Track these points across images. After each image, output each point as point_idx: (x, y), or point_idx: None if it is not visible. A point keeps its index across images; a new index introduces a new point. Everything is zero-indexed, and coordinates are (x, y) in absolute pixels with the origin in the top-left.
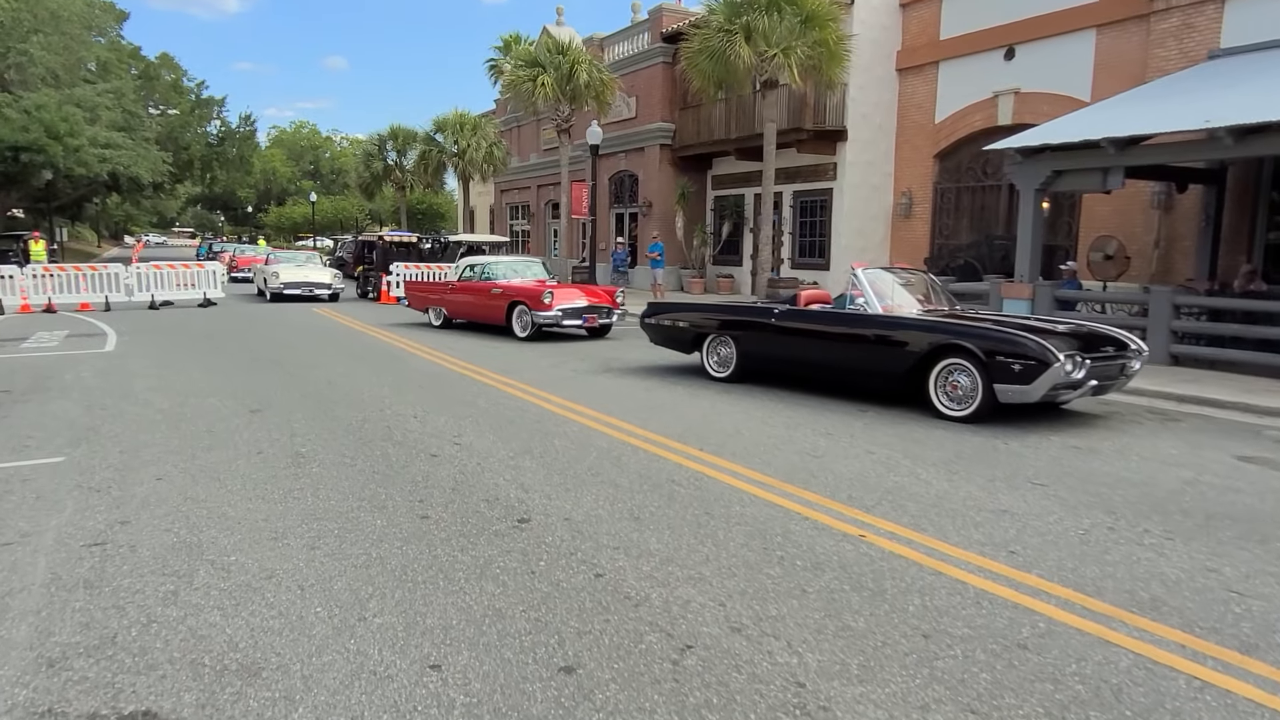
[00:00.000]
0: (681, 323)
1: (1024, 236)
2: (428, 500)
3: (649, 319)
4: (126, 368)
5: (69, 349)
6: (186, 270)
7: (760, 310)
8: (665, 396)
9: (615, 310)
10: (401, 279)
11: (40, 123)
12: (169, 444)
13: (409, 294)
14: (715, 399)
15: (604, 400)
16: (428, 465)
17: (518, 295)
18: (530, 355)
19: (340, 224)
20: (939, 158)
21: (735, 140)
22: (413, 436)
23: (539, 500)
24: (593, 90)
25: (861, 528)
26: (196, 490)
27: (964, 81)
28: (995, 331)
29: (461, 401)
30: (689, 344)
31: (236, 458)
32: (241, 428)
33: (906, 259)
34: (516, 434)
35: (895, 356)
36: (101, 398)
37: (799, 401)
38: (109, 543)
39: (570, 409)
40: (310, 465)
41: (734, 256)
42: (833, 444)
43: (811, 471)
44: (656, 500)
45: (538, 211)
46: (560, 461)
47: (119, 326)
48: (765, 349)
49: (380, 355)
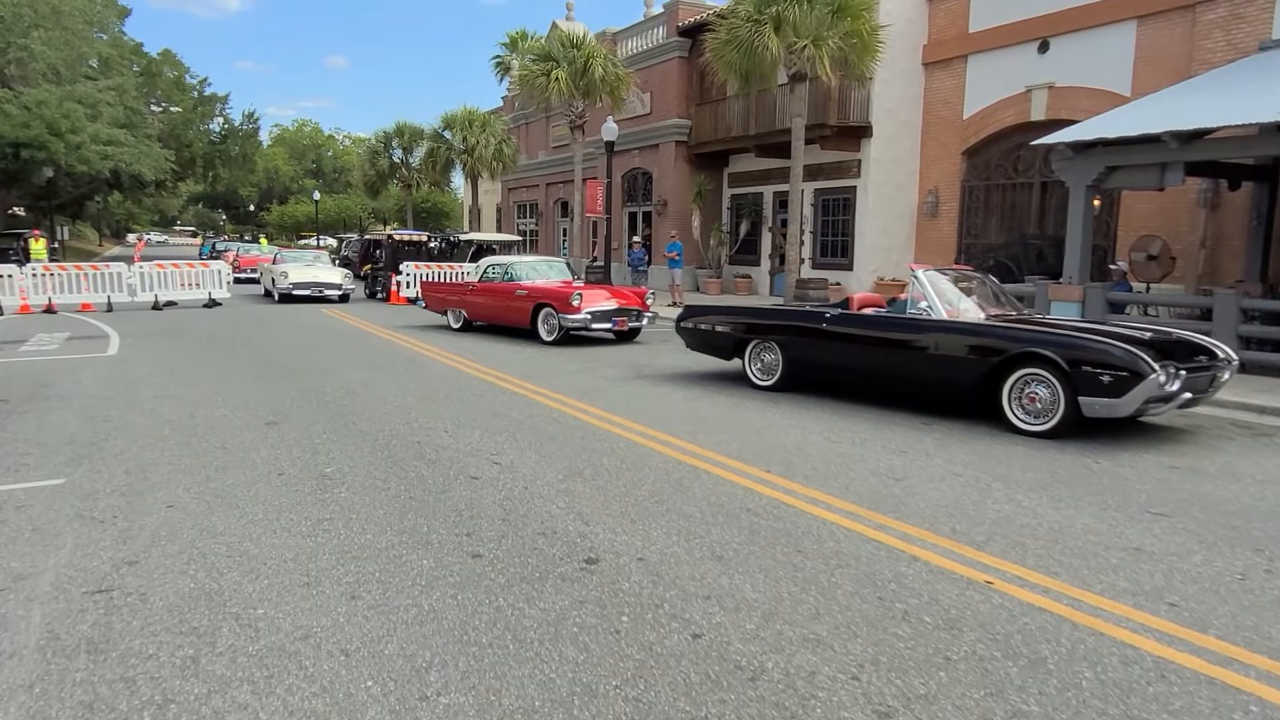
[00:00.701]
0: (721, 327)
1: (1073, 236)
2: (476, 534)
3: (685, 323)
4: (131, 373)
5: (70, 352)
6: (191, 270)
7: (809, 315)
8: (709, 408)
9: (645, 313)
10: (412, 279)
11: (41, 119)
12: (179, 463)
13: (426, 295)
14: (765, 410)
15: (645, 412)
16: (469, 489)
17: (544, 297)
18: (557, 361)
19: (344, 223)
20: (967, 155)
21: (755, 137)
22: (447, 454)
23: (603, 534)
24: (607, 85)
25: (983, 571)
26: (213, 520)
27: (994, 76)
28: (1080, 340)
29: (493, 413)
30: (729, 350)
31: (256, 479)
32: (258, 443)
33: (932, 259)
34: (560, 452)
35: (965, 366)
36: (105, 407)
37: (855, 413)
38: (115, 589)
39: (611, 421)
40: (338, 489)
41: (751, 256)
42: (910, 464)
43: (898, 498)
44: (736, 534)
45: (546, 210)
46: (615, 485)
47: (122, 328)
48: (815, 356)
49: (398, 360)
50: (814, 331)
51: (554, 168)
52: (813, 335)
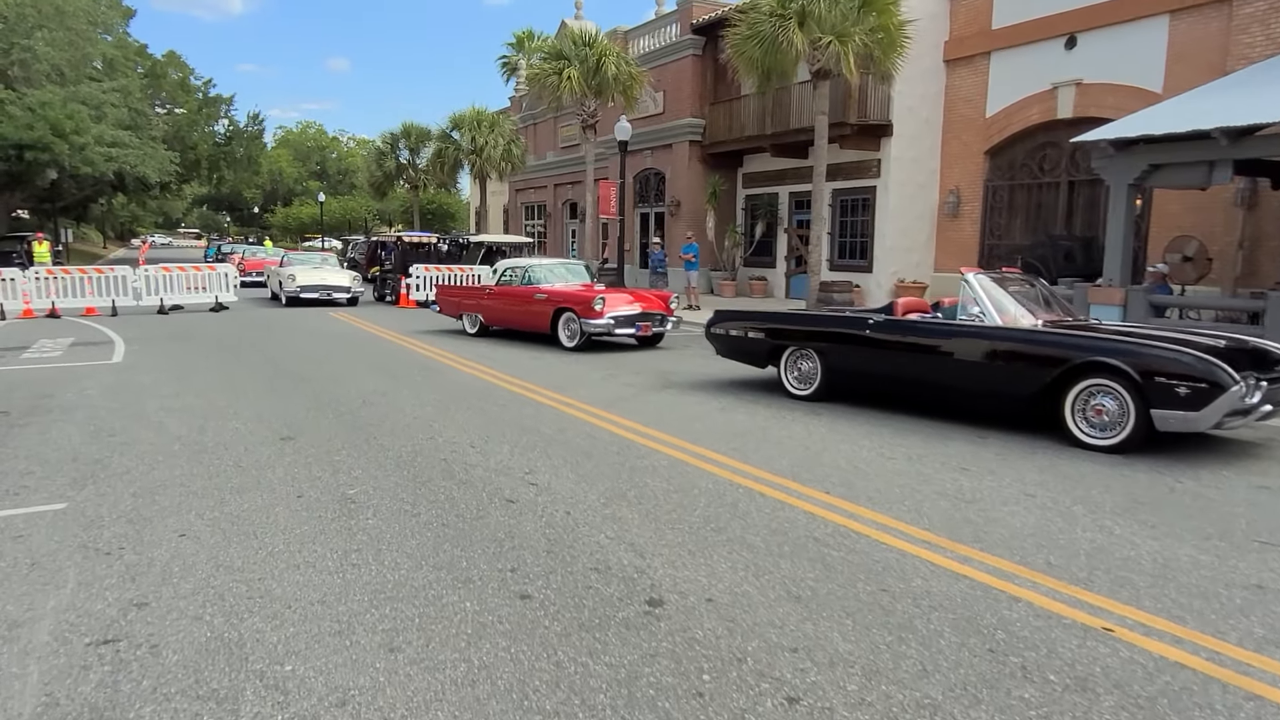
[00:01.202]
0: (755, 333)
1: (1114, 236)
2: (521, 569)
3: (715, 329)
4: (137, 382)
5: (73, 359)
6: (197, 273)
7: (851, 321)
8: (748, 420)
9: (670, 318)
10: (423, 282)
11: (45, 120)
12: (190, 484)
13: (440, 299)
14: (808, 423)
15: (681, 424)
16: (506, 515)
17: (565, 301)
18: (580, 368)
19: (349, 224)
20: (990, 154)
21: (771, 136)
22: (477, 474)
23: (661, 569)
24: (620, 84)
25: (1097, 615)
26: (229, 553)
27: (1019, 73)
28: (1153, 349)
29: (520, 427)
30: (763, 357)
31: (273, 503)
32: (274, 460)
33: (954, 260)
34: (598, 470)
35: (1024, 376)
36: (110, 420)
37: (902, 425)
38: (123, 639)
39: (647, 435)
40: (364, 514)
41: (767, 258)
42: (977, 484)
43: (976, 524)
44: (809, 569)
45: (555, 212)
46: (665, 510)
47: (127, 333)
48: (857, 364)
49: (414, 367)
50: (857, 338)
51: (562, 168)
52: (855, 342)
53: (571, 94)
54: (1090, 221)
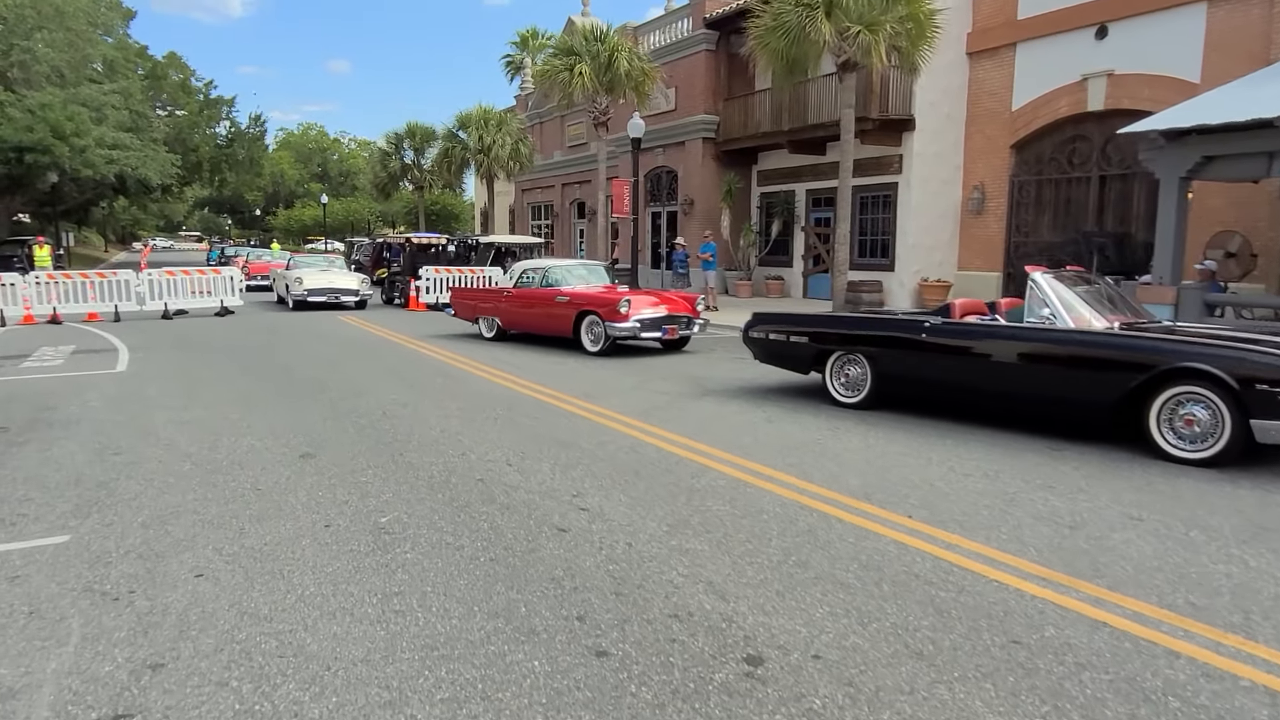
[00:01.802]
0: (798, 337)
1: (1164, 232)
2: (590, 616)
3: (754, 332)
4: (143, 393)
5: (76, 368)
6: (202, 276)
7: (905, 324)
8: (798, 431)
9: (696, 320)
10: (432, 284)
11: (45, 122)
12: (205, 510)
13: (456, 302)
14: (864, 434)
15: (728, 437)
16: (560, 547)
17: (588, 304)
18: (607, 374)
19: (351, 226)
20: (1016, 148)
21: (788, 132)
22: (519, 497)
23: (751, 615)
24: (632, 80)
25: (1277, 674)
26: (253, 597)
27: (1046, 65)
28: (1250, 353)
29: (556, 440)
30: (807, 363)
31: (299, 534)
32: (295, 482)
33: (979, 259)
34: (651, 492)
35: (1103, 382)
36: (115, 436)
37: (965, 435)
38: (137, 714)
39: (696, 450)
40: (401, 547)
41: (783, 257)
42: (1071, 505)
43: (1090, 555)
44: (920, 615)
45: (562, 211)
46: (736, 540)
47: (131, 340)
48: (913, 371)
49: (433, 374)
50: (912, 343)
51: (570, 167)
52: (911, 347)
53: (584, 91)
54: (1123, 217)
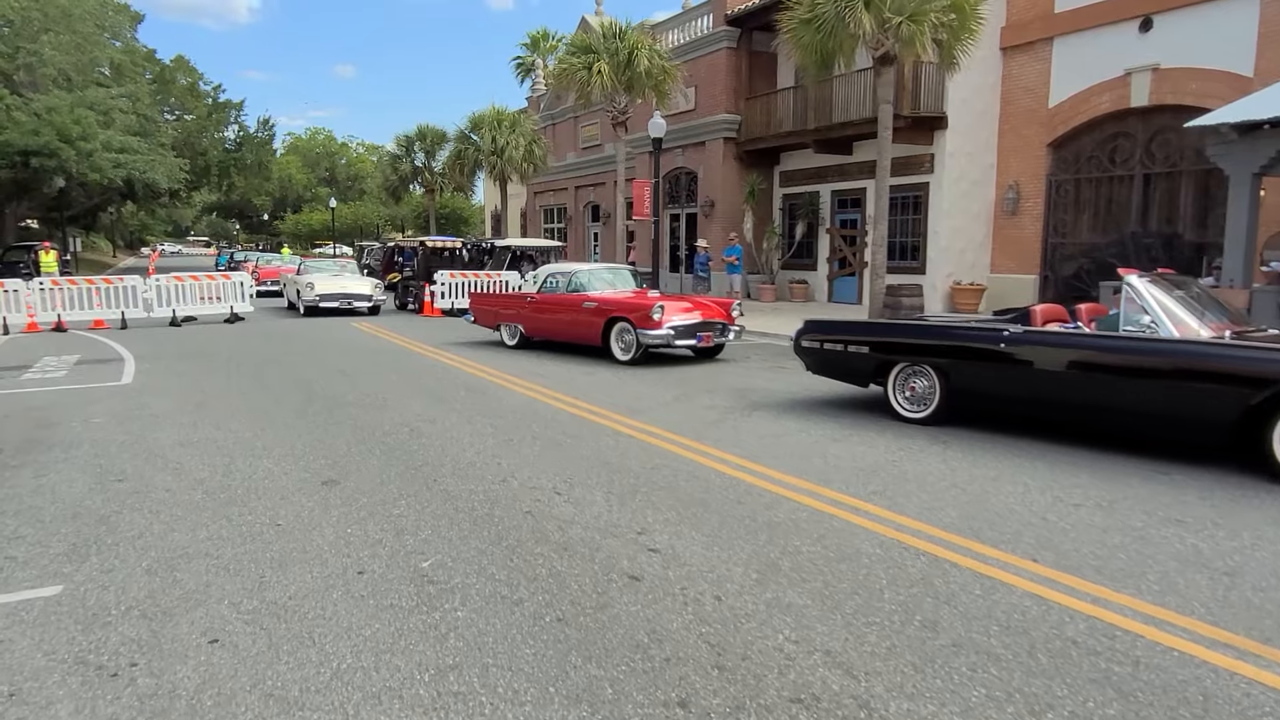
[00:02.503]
0: (858, 347)
1: (1235, 231)
2: (693, 700)
3: (808, 341)
4: (149, 409)
5: (79, 380)
6: (211, 282)
7: (980, 333)
8: (870, 452)
9: (732, 327)
10: (447, 289)
11: (52, 126)
12: (219, 552)
13: (476, 308)
14: (943, 455)
15: (795, 459)
16: (636, 601)
17: (619, 310)
18: (644, 386)
19: (360, 230)
20: (1053, 146)
21: (814, 131)
22: (576, 534)
23: (893, 700)
24: (652, 79)
25: None
26: (279, 671)
27: (1086, 59)
28: None
29: (604, 463)
30: (867, 374)
31: (328, 583)
32: (319, 515)
33: (1013, 261)
34: (726, 528)
35: (1220, 399)
36: (118, 458)
37: (1054, 456)
38: None
39: (763, 475)
40: (448, 601)
41: (807, 260)
42: (1211, 544)
43: (1272, 615)
44: (1099, 698)
45: (576, 214)
46: (843, 593)
47: (138, 348)
48: (990, 384)
49: (458, 387)
50: (989, 354)
51: (584, 169)
52: (987, 358)
53: (603, 90)
54: (1169, 217)
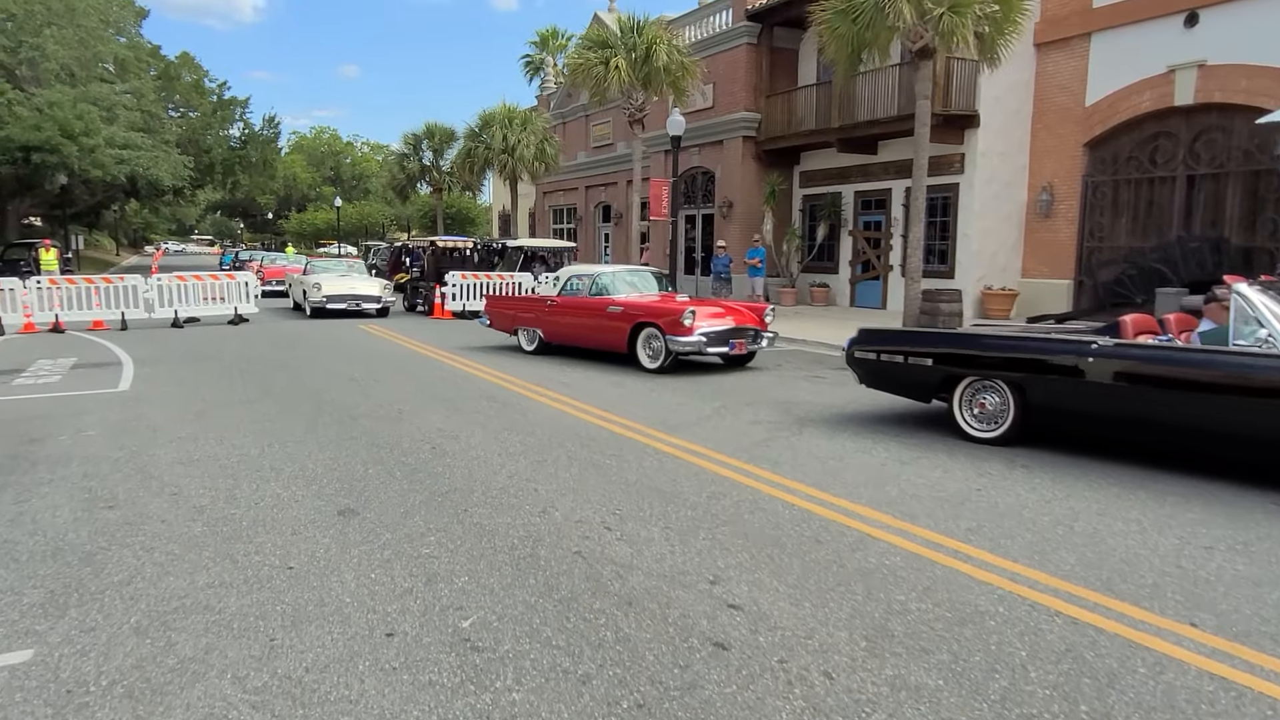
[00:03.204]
0: (920, 359)
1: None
2: None
3: (862, 351)
4: (146, 420)
5: (73, 386)
6: (215, 282)
7: (1061, 345)
8: (943, 477)
9: (765, 334)
10: (459, 290)
11: (54, 121)
12: (222, 604)
13: (491, 311)
14: (1031, 483)
15: (866, 486)
16: (729, 678)
17: (646, 315)
18: (677, 397)
19: (365, 230)
20: (1090, 146)
21: (838, 130)
22: (638, 583)
23: None
24: (670, 75)
25: None
26: None
27: (1126, 56)
28: None
29: (655, 491)
30: (929, 389)
31: (353, 650)
32: (337, 555)
33: (1046, 265)
34: (812, 576)
35: None
36: (110, 480)
37: (1154, 484)
38: None
39: (837, 507)
40: (501, 677)
41: (828, 263)
42: None
43: None
44: None
45: (586, 214)
46: (979, 668)
47: (137, 351)
48: (1074, 403)
49: (479, 397)
50: (1074, 369)
51: (595, 169)
52: (1072, 374)
53: (620, 86)
54: (1214, 220)
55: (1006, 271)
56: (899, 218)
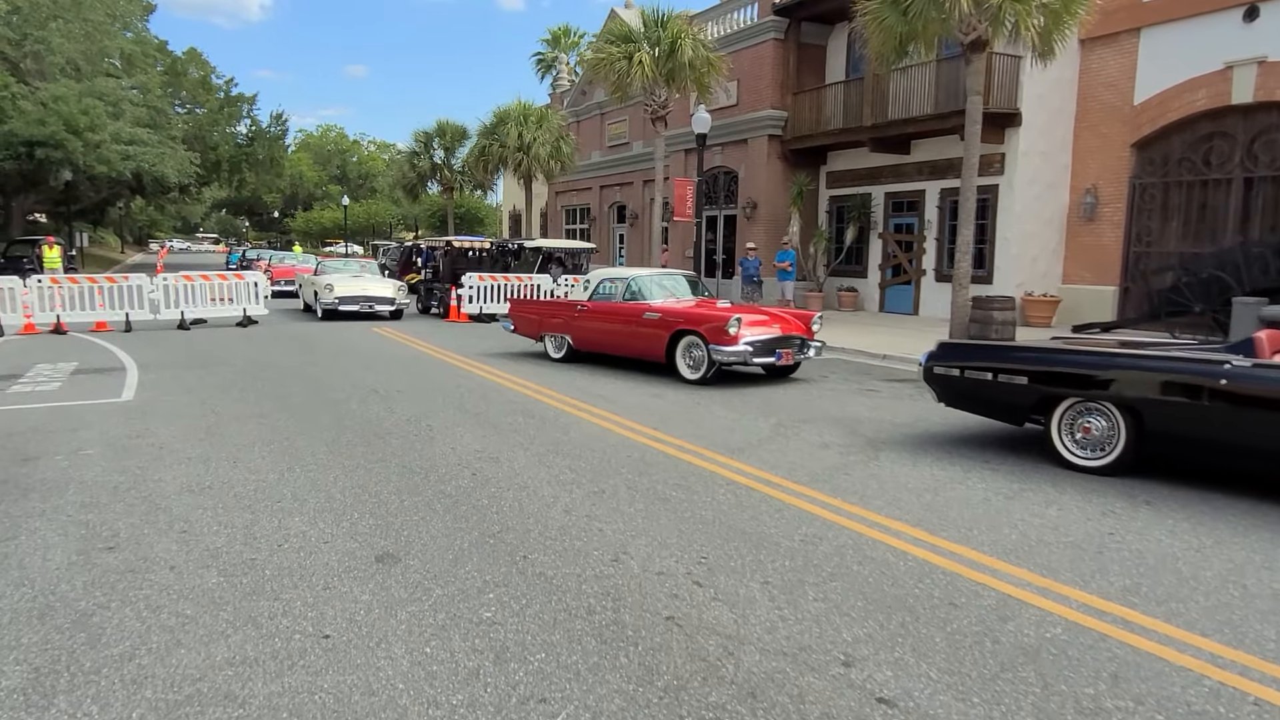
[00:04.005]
0: (1012, 376)
1: None
2: None
3: (943, 366)
4: (152, 436)
5: (74, 395)
6: (223, 282)
7: (1188, 365)
8: (1064, 517)
9: (812, 342)
10: (476, 292)
11: (59, 115)
12: (246, 694)
13: (516, 316)
14: (1168, 525)
15: (977, 528)
16: None
17: (687, 322)
18: (728, 412)
19: (373, 229)
20: (1138, 146)
21: (871, 128)
22: (754, 664)
23: None
24: (695, 70)
25: None
26: None
27: (1179, 52)
28: None
29: (740, 533)
30: (1022, 410)
31: None
32: (380, 620)
33: (1089, 271)
34: (966, 659)
35: None
36: (110, 512)
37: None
38: None
39: (962, 558)
40: None
41: (857, 267)
42: None
43: None
44: None
45: (600, 215)
46: None
47: (142, 356)
48: (1204, 431)
49: (513, 411)
50: (1203, 391)
51: (609, 168)
52: (1201, 397)
53: (644, 81)
54: (1274, 224)
55: (1047, 277)
56: (933, 220)
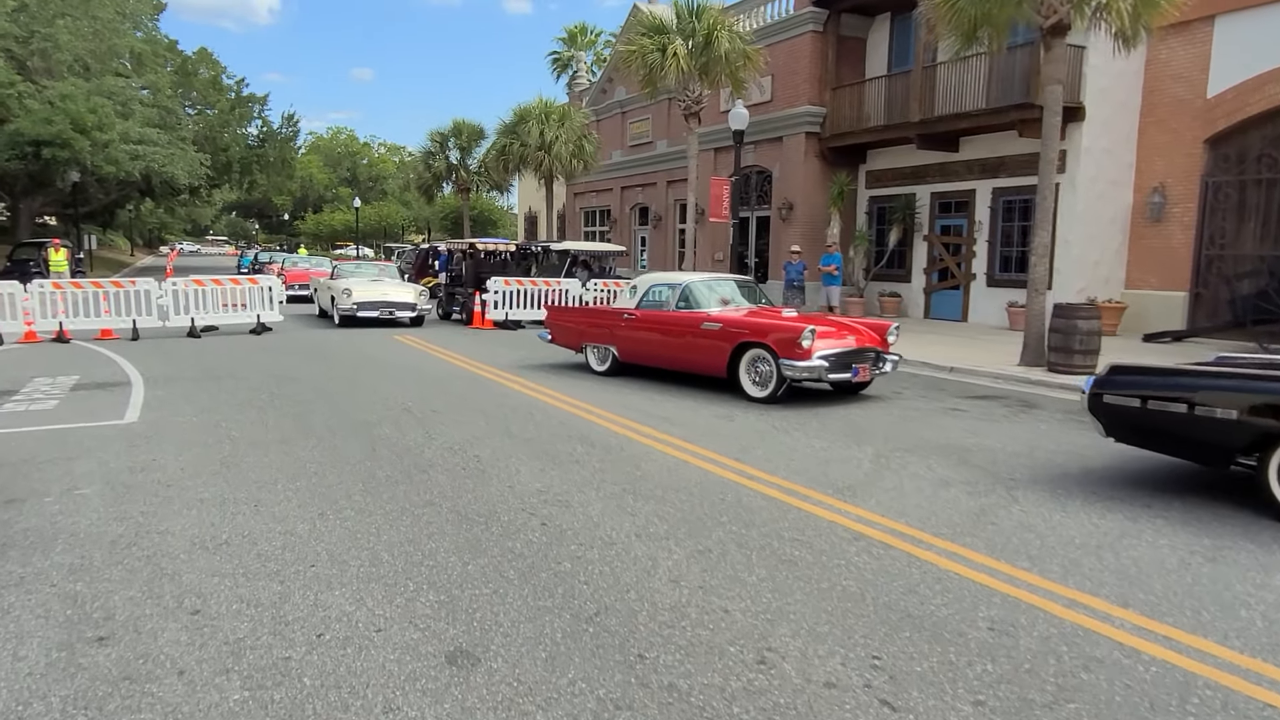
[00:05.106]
0: (1213, 409)
1: None
2: None
3: (1116, 395)
4: (158, 470)
5: (72, 415)
6: (236, 287)
7: None
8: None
9: (888, 356)
10: (502, 298)
11: (66, 114)
12: None
13: (554, 324)
14: None
15: (1204, 608)
16: None
17: (753, 334)
18: (814, 439)
19: (384, 231)
20: (1211, 143)
21: (918, 125)
22: None
23: None
24: (731, 64)
25: None
26: None
27: (1257, 41)
28: None
29: (907, 616)
30: (1230, 451)
31: None
32: None
33: (1155, 275)
34: None
35: None
36: (105, 581)
37: None
38: None
39: (1201, 655)
40: None
41: (899, 270)
42: None
43: None
44: None
45: (621, 217)
46: None
47: (149, 368)
48: None
49: (569, 438)
50: None
51: (631, 169)
52: None
53: (679, 74)
54: None
55: (1109, 282)
56: (983, 221)
